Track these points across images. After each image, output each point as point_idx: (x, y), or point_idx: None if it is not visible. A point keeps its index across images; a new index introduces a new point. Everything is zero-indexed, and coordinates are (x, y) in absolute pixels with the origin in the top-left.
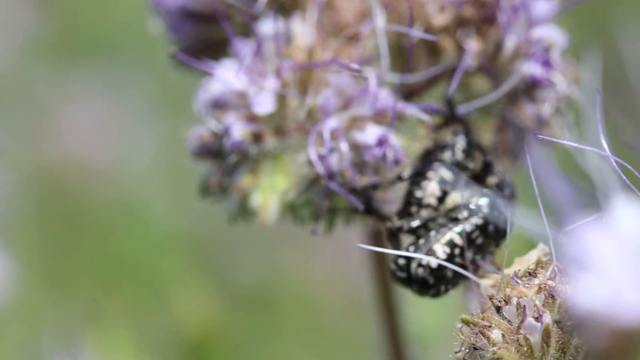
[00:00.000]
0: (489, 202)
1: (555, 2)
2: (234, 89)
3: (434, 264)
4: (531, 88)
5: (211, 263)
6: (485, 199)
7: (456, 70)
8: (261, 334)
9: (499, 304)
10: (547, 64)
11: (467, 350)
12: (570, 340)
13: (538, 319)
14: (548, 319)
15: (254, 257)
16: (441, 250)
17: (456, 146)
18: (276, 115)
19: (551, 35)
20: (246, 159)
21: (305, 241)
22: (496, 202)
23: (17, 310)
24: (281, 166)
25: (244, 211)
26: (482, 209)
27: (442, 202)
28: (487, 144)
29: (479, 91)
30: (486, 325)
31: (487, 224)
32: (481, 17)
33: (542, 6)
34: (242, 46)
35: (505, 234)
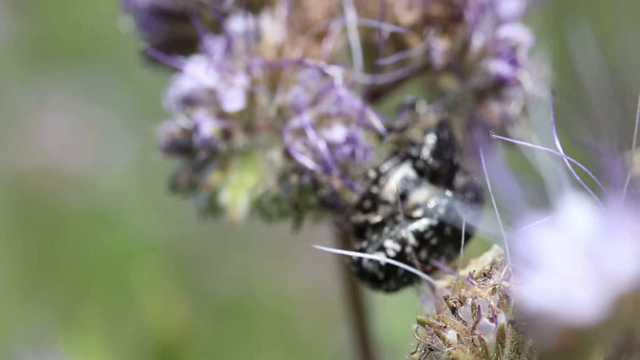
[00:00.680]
0: (446, 203)
1: (522, 2)
2: (203, 86)
3: (382, 260)
4: (498, 87)
5: (186, 269)
6: (443, 200)
7: (424, 69)
8: (233, 339)
9: (454, 305)
10: (514, 62)
11: (423, 351)
12: (525, 341)
13: (493, 319)
14: (502, 319)
15: (228, 264)
16: (391, 246)
17: (424, 145)
18: (246, 112)
19: (518, 34)
20: (215, 155)
21: (280, 247)
22: (454, 205)
23: None
24: (251, 163)
25: (213, 208)
26: (438, 210)
27: (404, 200)
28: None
29: (446, 90)
30: (441, 326)
31: (443, 226)
32: (449, 16)
33: (509, 5)
34: (212, 43)
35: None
